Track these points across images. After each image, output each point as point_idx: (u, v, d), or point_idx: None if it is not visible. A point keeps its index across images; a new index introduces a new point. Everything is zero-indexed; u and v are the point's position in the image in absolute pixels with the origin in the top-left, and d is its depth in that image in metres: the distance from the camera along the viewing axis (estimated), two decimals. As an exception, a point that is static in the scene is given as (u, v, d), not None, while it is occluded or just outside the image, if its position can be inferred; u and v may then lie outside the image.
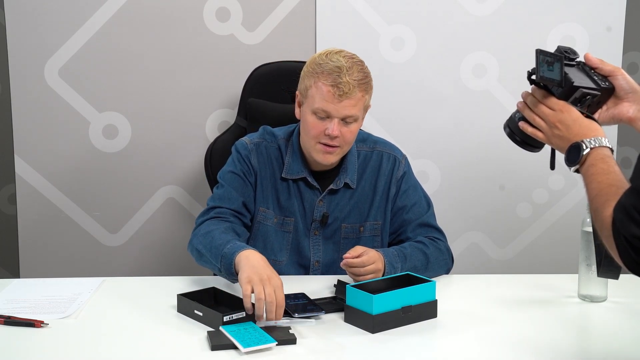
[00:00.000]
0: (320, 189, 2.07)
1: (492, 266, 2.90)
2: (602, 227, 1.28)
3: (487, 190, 2.85)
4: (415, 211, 2.10)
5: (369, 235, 2.10)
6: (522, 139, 1.60)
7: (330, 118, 1.95)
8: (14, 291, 1.91)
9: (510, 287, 1.99)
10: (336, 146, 1.97)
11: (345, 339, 1.64)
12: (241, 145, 2.09)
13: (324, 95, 1.94)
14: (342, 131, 1.96)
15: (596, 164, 1.39)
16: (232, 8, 2.70)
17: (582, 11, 2.78)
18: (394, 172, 2.11)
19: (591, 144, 1.43)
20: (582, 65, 1.55)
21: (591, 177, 1.38)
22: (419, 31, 2.76)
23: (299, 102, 2.04)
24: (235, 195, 2.03)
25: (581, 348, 1.64)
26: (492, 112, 2.81)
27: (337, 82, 1.92)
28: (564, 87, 1.48)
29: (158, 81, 2.71)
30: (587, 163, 1.41)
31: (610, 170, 1.37)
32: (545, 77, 1.49)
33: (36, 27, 2.64)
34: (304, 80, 2.01)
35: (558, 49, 1.54)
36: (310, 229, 2.09)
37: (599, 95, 1.51)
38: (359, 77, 1.95)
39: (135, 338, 1.64)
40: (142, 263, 2.81)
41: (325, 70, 1.94)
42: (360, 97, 1.96)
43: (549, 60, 1.48)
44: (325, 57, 1.97)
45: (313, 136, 1.97)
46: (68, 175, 2.74)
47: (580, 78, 1.50)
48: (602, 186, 1.34)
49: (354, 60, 1.97)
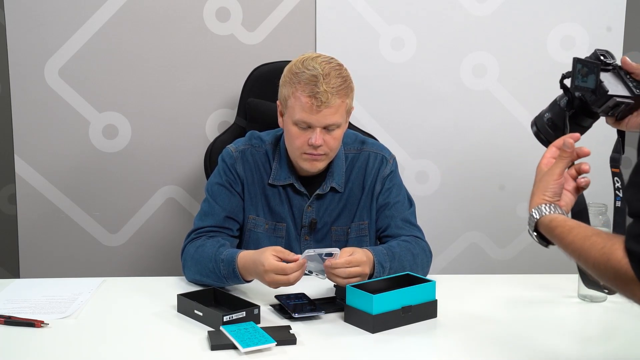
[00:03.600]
0: (308, 195, 2.07)
1: (492, 266, 2.90)
2: (617, 276, 1.16)
3: (487, 190, 2.85)
4: (398, 208, 2.08)
5: (356, 236, 2.08)
6: (547, 139, 1.58)
7: (312, 128, 1.93)
8: (14, 291, 1.91)
9: (510, 287, 1.99)
10: (321, 154, 1.97)
11: (345, 339, 1.64)
12: (227, 154, 2.08)
13: (303, 106, 1.92)
14: (326, 139, 1.94)
15: (553, 231, 1.36)
16: (232, 8, 2.70)
17: (582, 11, 2.78)
18: (380, 171, 2.09)
19: (531, 222, 1.41)
20: (617, 69, 1.53)
21: (564, 243, 1.33)
22: (419, 31, 2.76)
23: (280, 112, 2.02)
24: (218, 209, 2.03)
25: (581, 348, 1.64)
26: (492, 112, 2.82)
27: (314, 93, 1.89)
28: (598, 95, 1.47)
29: (158, 81, 2.71)
30: (547, 237, 1.39)
31: (567, 228, 1.32)
32: (580, 86, 1.48)
33: (36, 27, 2.64)
34: (282, 89, 1.99)
35: (595, 53, 1.52)
36: (301, 234, 2.08)
37: (633, 104, 1.50)
38: (337, 84, 1.91)
39: (135, 338, 1.64)
40: (142, 263, 2.81)
41: (302, 80, 1.92)
42: (340, 104, 1.93)
43: (584, 71, 1.47)
44: (302, 65, 1.94)
45: (297, 147, 1.96)
46: (68, 175, 2.74)
47: (615, 85, 1.48)
48: (579, 243, 1.27)
49: (331, 66, 1.94)
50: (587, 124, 1.56)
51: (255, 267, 1.80)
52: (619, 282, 1.17)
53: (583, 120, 1.55)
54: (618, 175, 1.53)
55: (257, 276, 1.81)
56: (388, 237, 2.06)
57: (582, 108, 1.53)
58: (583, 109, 1.53)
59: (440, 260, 2.85)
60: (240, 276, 1.85)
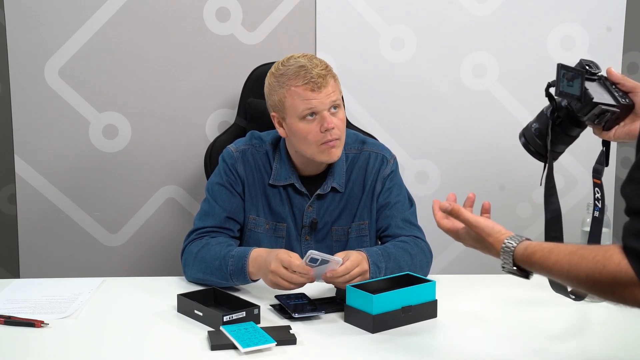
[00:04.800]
0: (308, 195, 2.07)
1: (492, 266, 2.88)
2: (615, 282, 1.13)
3: (487, 190, 2.85)
4: (398, 207, 2.08)
5: (356, 235, 2.08)
6: (536, 150, 1.59)
7: (319, 114, 1.94)
8: (14, 291, 1.91)
9: (510, 287, 1.99)
10: (336, 138, 1.97)
11: (345, 339, 1.64)
12: (227, 154, 2.09)
13: (302, 96, 1.93)
14: (334, 122, 1.96)
15: (531, 257, 1.33)
16: (232, 8, 2.70)
17: (582, 11, 2.78)
18: (381, 170, 2.09)
19: (507, 259, 1.39)
20: (603, 79, 1.53)
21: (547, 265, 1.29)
22: (419, 31, 2.76)
23: (279, 122, 2.02)
24: (219, 210, 2.03)
25: (581, 348, 1.64)
26: (492, 112, 2.82)
27: (308, 78, 1.93)
28: (583, 102, 1.47)
29: (158, 81, 2.71)
30: (527, 268, 1.37)
31: (547, 250, 1.29)
32: (564, 92, 1.47)
33: (36, 27, 2.64)
34: (272, 98, 2.00)
35: (580, 63, 1.52)
36: (301, 234, 2.08)
37: (618, 112, 1.49)
38: (323, 66, 1.97)
39: (135, 338, 1.64)
40: (142, 263, 2.81)
41: (291, 76, 1.94)
42: (334, 84, 1.97)
43: (569, 75, 1.47)
44: (282, 66, 1.98)
45: (313, 141, 1.96)
46: (68, 175, 2.74)
47: (600, 93, 1.48)
48: (566, 260, 1.24)
49: (310, 56, 1.99)
50: (574, 134, 1.56)
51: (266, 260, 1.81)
52: (618, 288, 1.14)
53: (570, 130, 1.55)
54: (599, 186, 1.54)
55: (264, 270, 1.82)
56: (388, 237, 2.06)
57: (568, 116, 1.53)
58: (570, 118, 1.53)
59: (440, 260, 2.85)
60: (247, 272, 1.86)
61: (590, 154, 1.69)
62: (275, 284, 1.79)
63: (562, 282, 1.30)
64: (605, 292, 1.17)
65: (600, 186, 1.54)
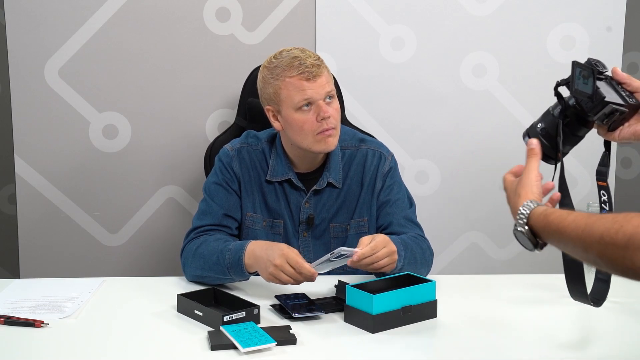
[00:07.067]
0: (305, 190, 2.07)
1: (492, 266, 2.90)
2: (629, 242, 1.11)
3: (487, 190, 2.85)
4: (399, 205, 2.08)
5: (355, 232, 2.08)
6: (541, 150, 1.58)
7: (315, 104, 1.95)
8: (14, 291, 1.91)
9: (510, 287, 1.99)
10: (332, 127, 1.97)
11: (345, 339, 1.64)
12: (223, 153, 2.09)
13: (297, 86, 1.94)
14: (330, 111, 1.96)
15: (548, 217, 1.31)
16: (232, 8, 2.70)
17: (582, 11, 2.78)
18: (380, 168, 2.09)
19: (522, 217, 1.37)
20: (609, 79, 1.52)
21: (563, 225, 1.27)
22: (419, 31, 2.76)
23: (274, 115, 2.02)
24: (216, 208, 2.04)
25: (581, 348, 1.64)
26: (492, 112, 2.82)
27: (302, 68, 1.94)
28: (595, 101, 1.47)
29: (158, 81, 2.71)
30: (539, 231, 1.34)
31: (566, 214, 1.27)
32: (579, 90, 1.47)
33: (36, 27, 2.64)
34: (266, 91, 2.01)
35: (588, 61, 1.51)
36: (299, 230, 2.08)
37: (626, 112, 1.49)
38: (316, 56, 1.99)
39: (135, 338, 1.64)
40: (142, 263, 2.81)
41: (285, 67, 1.96)
42: (328, 75, 1.99)
43: (585, 73, 1.46)
44: (275, 59, 1.99)
45: (310, 131, 1.96)
46: (68, 175, 2.74)
47: (610, 93, 1.48)
48: (583, 220, 1.22)
49: (302, 48, 2.01)
50: (582, 134, 1.55)
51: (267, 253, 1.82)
52: (630, 251, 1.12)
53: (578, 130, 1.54)
54: (604, 189, 1.53)
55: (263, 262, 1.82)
56: (390, 234, 2.06)
57: (576, 116, 1.52)
58: (577, 117, 1.52)
59: (440, 260, 2.85)
60: (244, 264, 1.86)
61: (590, 152, 1.69)
62: (274, 277, 1.79)
63: (572, 249, 1.26)
64: (615, 255, 1.15)
65: (606, 188, 1.53)
